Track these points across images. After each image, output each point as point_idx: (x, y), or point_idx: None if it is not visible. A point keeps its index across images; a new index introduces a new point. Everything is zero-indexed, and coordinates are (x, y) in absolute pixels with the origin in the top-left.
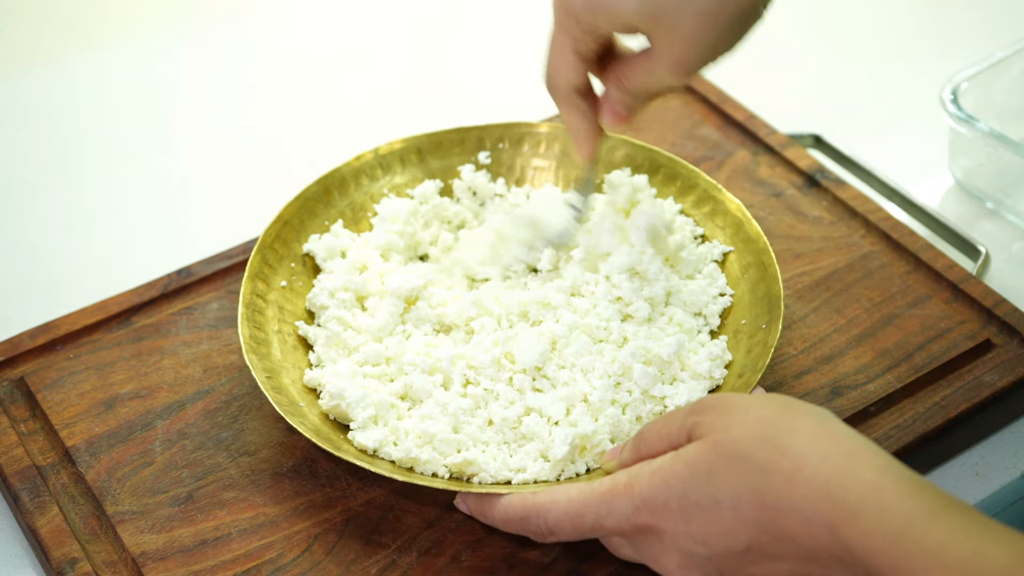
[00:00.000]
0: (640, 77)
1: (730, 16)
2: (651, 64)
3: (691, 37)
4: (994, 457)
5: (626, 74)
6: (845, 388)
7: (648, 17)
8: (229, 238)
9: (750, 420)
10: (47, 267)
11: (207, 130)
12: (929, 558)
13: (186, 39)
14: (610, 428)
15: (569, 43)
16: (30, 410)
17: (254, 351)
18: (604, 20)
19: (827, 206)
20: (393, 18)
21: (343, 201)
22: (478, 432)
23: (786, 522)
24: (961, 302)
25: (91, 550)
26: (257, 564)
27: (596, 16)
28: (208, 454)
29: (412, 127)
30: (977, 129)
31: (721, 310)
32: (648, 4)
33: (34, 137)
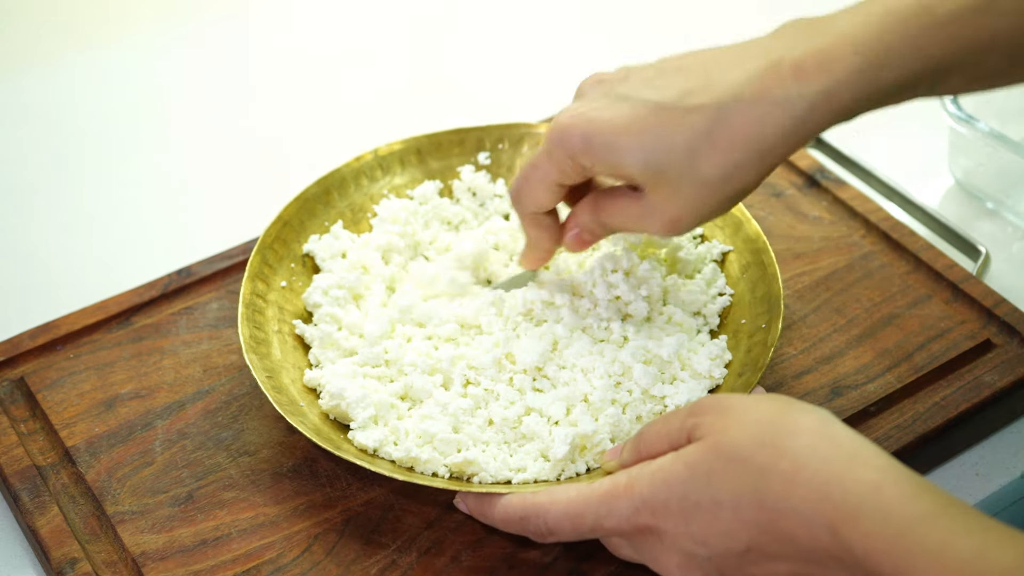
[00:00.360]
0: (623, 219)
1: (734, 190)
2: (641, 212)
3: (691, 203)
4: (994, 457)
5: (607, 209)
6: (845, 388)
7: (651, 176)
8: (229, 238)
9: (750, 421)
10: (47, 267)
11: (207, 130)
12: (930, 559)
13: (186, 39)
14: (610, 428)
15: (555, 175)
16: (30, 410)
17: (254, 351)
18: (602, 167)
19: (827, 206)
20: (393, 18)
21: (343, 202)
22: (478, 432)
23: (786, 523)
24: (961, 302)
25: (91, 550)
26: (257, 564)
27: (594, 162)
28: (208, 454)
29: (412, 128)
30: (977, 129)
31: (720, 310)
32: (653, 163)
33: (34, 137)
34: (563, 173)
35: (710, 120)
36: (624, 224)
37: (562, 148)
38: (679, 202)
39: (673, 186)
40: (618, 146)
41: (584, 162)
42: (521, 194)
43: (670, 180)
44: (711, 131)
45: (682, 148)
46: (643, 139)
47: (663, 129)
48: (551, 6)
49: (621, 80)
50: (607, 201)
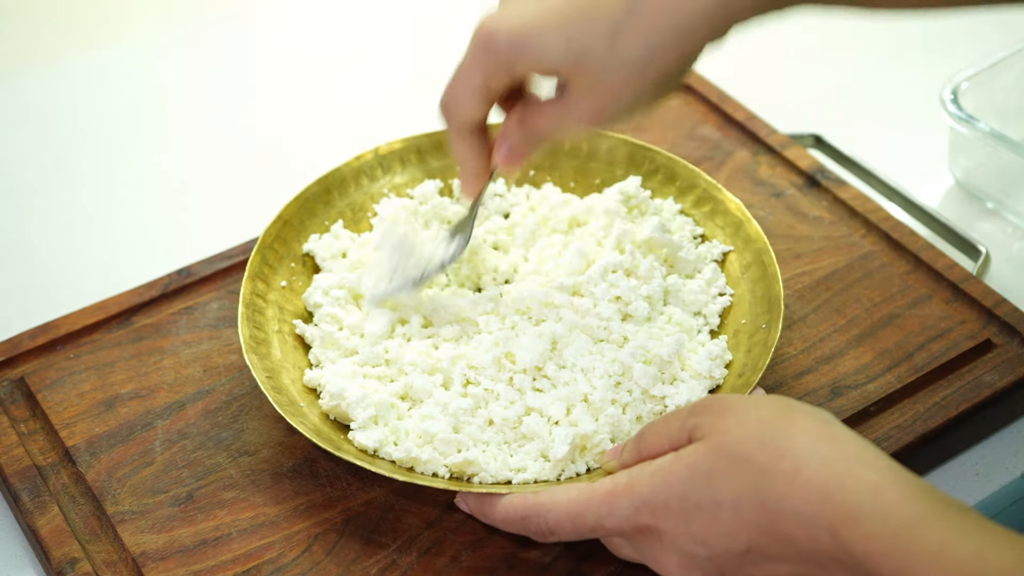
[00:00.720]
0: (547, 122)
1: (656, 73)
2: (564, 110)
3: (613, 89)
4: (994, 457)
5: (531, 117)
6: (845, 388)
7: (573, 64)
8: (229, 238)
9: (750, 421)
10: (47, 267)
11: (207, 130)
12: (930, 560)
13: (186, 39)
14: (610, 428)
15: (480, 77)
16: (30, 410)
17: (254, 351)
18: (525, 61)
19: (827, 206)
20: (393, 18)
21: (343, 201)
22: (478, 432)
23: (786, 524)
24: (961, 302)
25: (91, 550)
26: (257, 564)
27: (518, 56)
28: (208, 454)
29: (412, 127)
30: (977, 129)
31: (721, 310)
32: (574, 51)
33: (34, 137)
34: (489, 76)
35: (627, 4)
36: (550, 127)
37: (486, 50)
38: (603, 90)
39: (595, 73)
40: (540, 39)
41: (508, 58)
42: (448, 104)
43: (594, 66)
44: (630, 12)
45: (602, 32)
46: (563, 29)
47: (583, 18)
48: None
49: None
50: (531, 110)
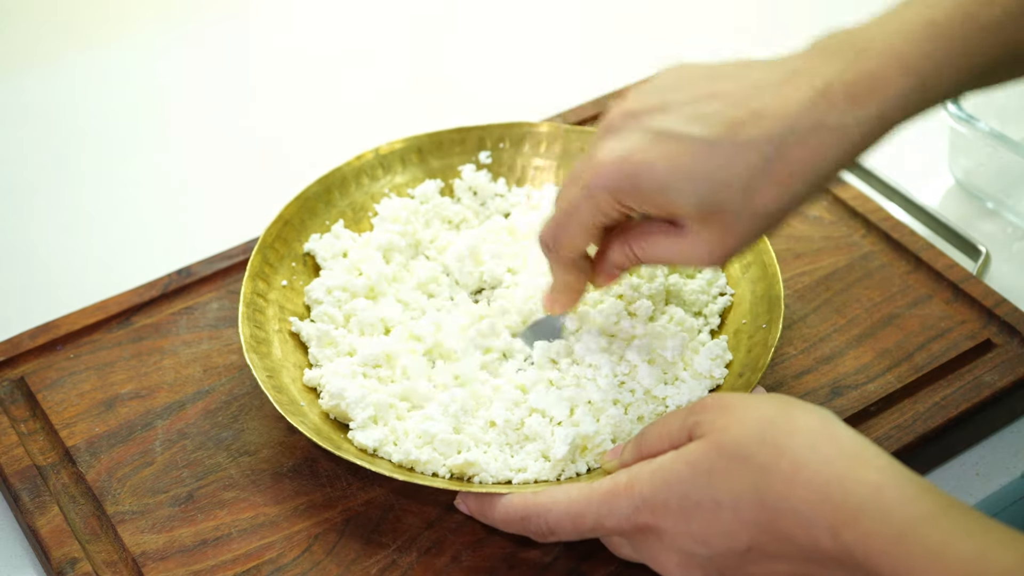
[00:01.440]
0: (663, 254)
1: (785, 217)
2: (683, 247)
3: (745, 233)
4: (994, 457)
5: (642, 244)
6: (845, 388)
7: (705, 215)
8: (229, 238)
9: (751, 420)
10: (47, 267)
11: (207, 130)
12: (931, 560)
13: (186, 39)
14: (612, 428)
15: (598, 218)
16: (30, 410)
17: (255, 350)
18: (650, 207)
19: (827, 206)
20: (393, 18)
21: (344, 201)
22: (479, 433)
23: (785, 523)
24: (961, 302)
25: (91, 550)
26: (257, 564)
27: (643, 203)
28: (208, 454)
29: (412, 127)
30: (977, 129)
31: (721, 310)
32: (708, 205)
33: (34, 137)
34: (606, 215)
35: (766, 155)
36: (664, 258)
37: (607, 191)
38: (731, 237)
39: (728, 222)
40: (670, 187)
41: (631, 203)
42: (558, 240)
43: (724, 217)
44: (768, 166)
45: (738, 186)
46: (696, 179)
47: (717, 168)
48: (551, 6)
49: (656, 112)
50: (641, 236)
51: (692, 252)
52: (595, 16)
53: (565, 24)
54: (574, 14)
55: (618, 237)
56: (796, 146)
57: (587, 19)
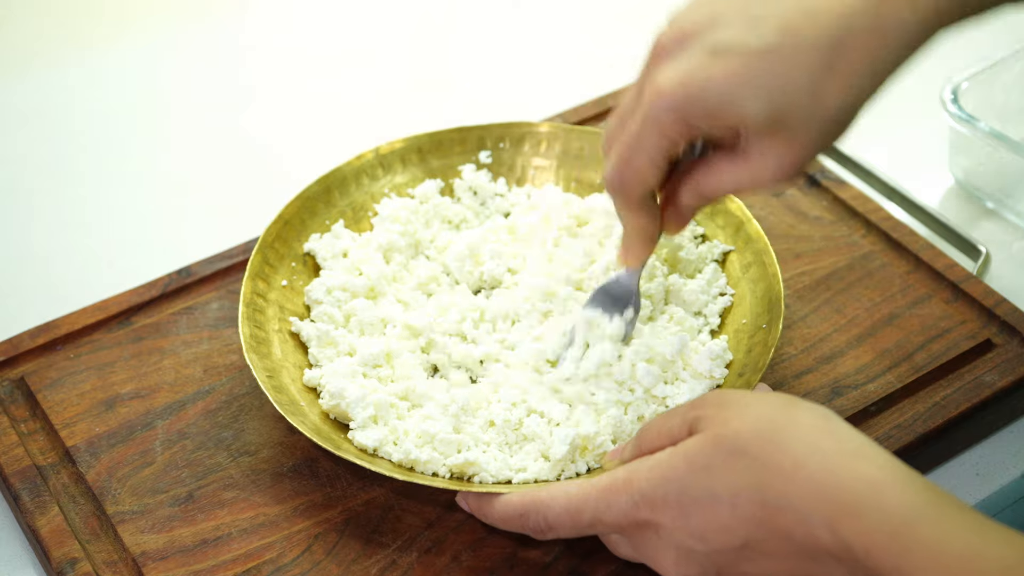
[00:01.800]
0: (730, 181)
1: (849, 120)
2: (752, 168)
3: (814, 140)
4: (994, 457)
5: (708, 178)
6: (845, 388)
7: (773, 124)
8: (229, 238)
9: (750, 416)
10: (47, 267)
11: (207, 130)
12: (929, 555)
13: (186, 39)
14: (612, 428)
15: (666, 146)
16: (30, 410)
17: (255, 350)
18: (723, 122)
19: (827, 206)
20: (393, 18)
21: (344, 200)
22: (479, 432)
23: (784, 519)
24: (961, 302)
25: (91, 550)
26: (257, 564)
27: (715, 118)
28: (208, 454)
29: (412, 127)
30: (977, 129)
31: (721, 309)
32: (776, 111)
33: (34, 137)
34: (673, 142)
35: (826, 55)
36: (731, 185)
37: (671, 113)
38: (801, 145)
39: (794, 128)
40: (738, 100)
41: (700, 124)
42: (625, 178)
43: (792, 124)
44: (830, 65)
45: (804, 87)
46: (762, 87)
47: (780, 73)
48: (551, 6)
49: (707, 28)
50: (708, 171)
51: (760, 171)
52: (595, 16)
53: (565, 24)
54: (574, 14)
55: (681, 179)
56: (855, 42)
57: (587, 19)
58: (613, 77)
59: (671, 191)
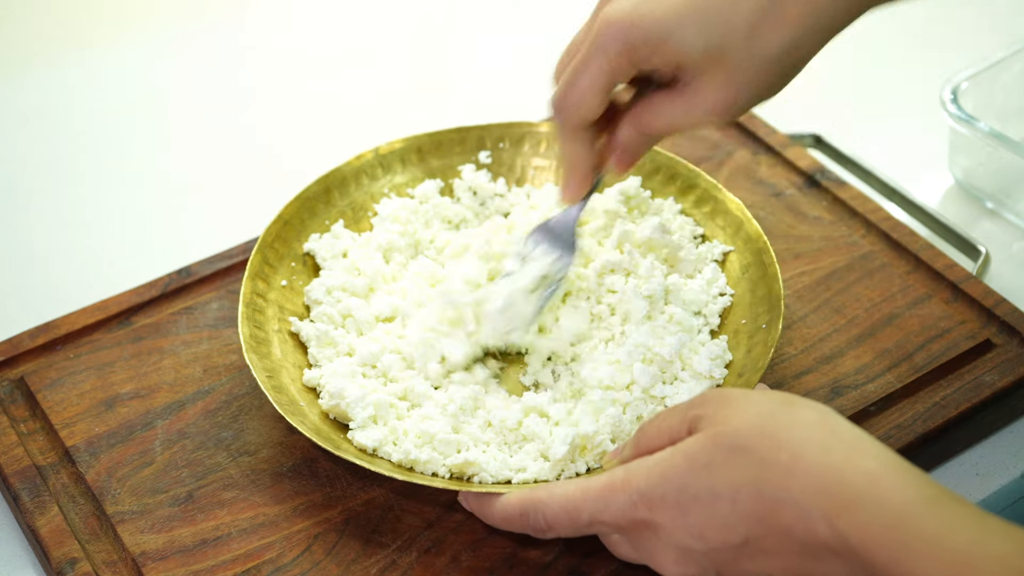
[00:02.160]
0: (670, 116)
1: (790, 66)
2: (689, 103)
3: (750, 81)
4: (994, 457)
5: (649, 115)
6: (845, 388)
7: (712, 57)
8: (229, 238)
9: (750, 413)
10: (47, 267)
11: (207, 130)
12: (927, 547)
13: (186, 39)
14: (611, 428)
15: (608, 71)
16: (30, 410)
17: (254, 350)
18: (662, 53)
19: (827, 206)
20: (393, 18)
21: (343, 200)
22: (478, 432)
23: (784, 515)
24: (961, 302)
25: (91, 550)
26: (257, 564)
27: (655, 49)
28: (208, 454)
29: (412, 127)
30: (977, 129)
31: (721, 310)
32: (714, 44)
33: (34, 137)
34: (614, 71)
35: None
36: (672, 122)
37: (617, 42)
38: (736, 84)
39: (731, 67)
40: (677, 31)
41: (643, 52)
42: (567, 101)
43: (729, 61)
44: (771, 7)
45: (742, 26)
46: (701, 22)
47: (723, 10)
48: (551, 6)
49: None
50: (647, 107)
51: (695, 107)
52: None
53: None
54: (574, 14)
55: (623, 117)
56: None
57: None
58: None
59: (614, 129)
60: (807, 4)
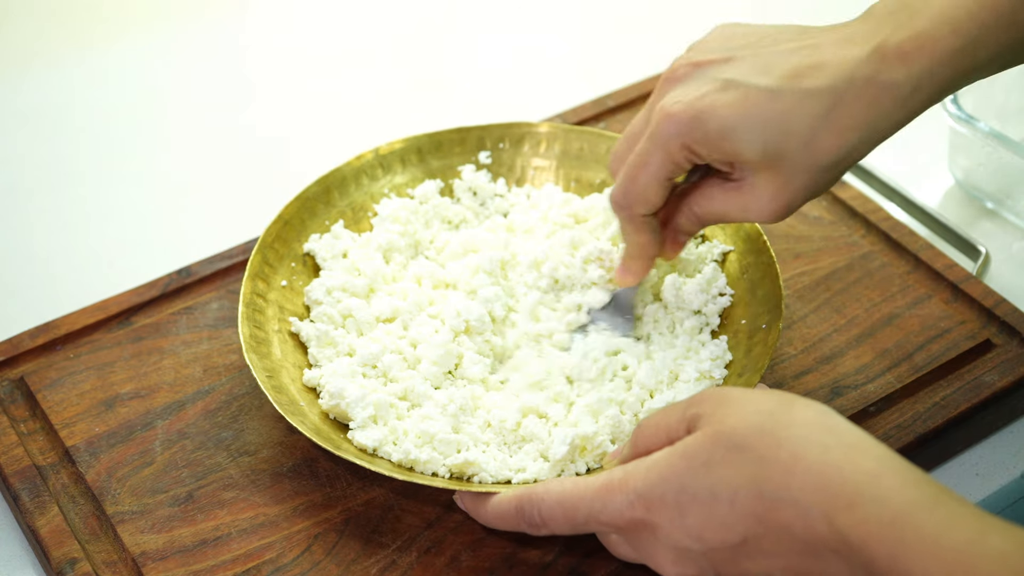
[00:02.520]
0: (724, 210)
1: (840, 171)
2: (745, 201)
3: (806, 186)
4: (994, 457)
5: (703, 203)
6: (845, 388)
7: (767, 162)
8: (229, 238)
9: (748, 411)
10: (47, 267)
11: (207, 130)
12: (926, 545)
13: (186, 39)
14: (610, 428)
15: (670, 168)
16: (30, 410)
17: (254, 350)
18: (719, 152)
19: (827, 206)
20: (393, 18)
21: (343, 201)
22: (478, 432)
23: (783, 513)
24: (961, 302)
25: (91, 550)
26: (257, 564)
27: (711, 149)
28: (208, 454)
29: (412, 127)
30: (977, 129)
31: (721, 310)
32: (771, 151)
33: (34, 137)
34: (676, 165)
35: (827, 104)
36: (724, 213)
37: (678, 137)
38: (792, 189)
39: (788, 171)
40: (736, 132)
41: (700, 150)
42: (629, 196)
43: (785, 165)
44: (828, 115)
45: (800, 133)
46: (761, 125)
47: (781, 114)
48: (551, 6)
49: (721, 62)
50: (700, 196)
51: (750, 204)
52: (594, 16)
53: (565, 24)
54: (574, 14)
55: (678, 202)
56: (854, 97)
57: (586, 19)
58: (613, 77)
59: (668, 215)
60: (866, 111)
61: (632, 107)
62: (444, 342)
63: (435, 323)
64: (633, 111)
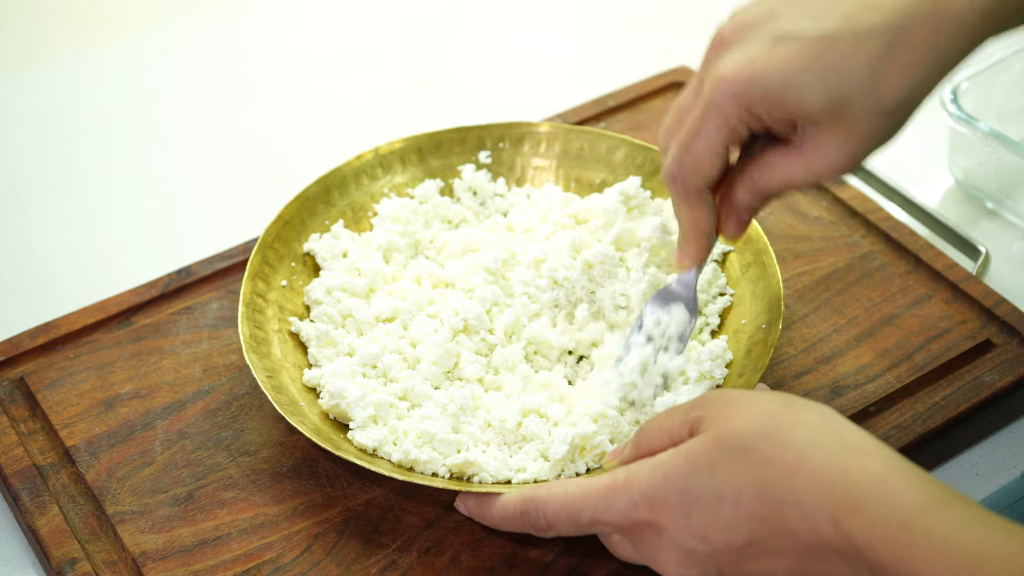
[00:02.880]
0: (788, 175)
1: (908, 112)
2: (809, 160)
3: (872, 132)
4: (994, 457)
5: (765, 173)
6: (845, 388)
7: (832, 110)
8: (229, 238)
9: (752, 414)
10: (47, 267)
11: (207, 130)
12: (933, 548)
13: (186, 39)
14: (610, 429)
15: (727, 134)
16: (30, 410)
17: (254, 350)
18: (781, 110)
19: (827, 206)
20: (393, 18)
21: (343, 200)
22: (478, 432)
23: (788, 515)
24: (961, 302)
25: (91, 550)
26: (257, 564)
27: (775, 106)
28: (208, 454)
29: (412, 127)
30: (977, 129)
31: (721, 310)
32: (836, 98)
33: (34, 137)
34: (734, 131)
35: (887, 41)
36: (790, 181)
37: (735, 100)
38: (858, 136)
39: (852, 120)
40: (797, 86)
41: (760, 111)
42: (684, 166)
43: (850, 113)
44: (889, 52)
45: (864, 74)
46: (821, 73)
47: (840, 59)
48: (551, 6)
49: (768, 19)
50: (762, 167)
51: (817, 163)
52: (594, 16)
53: (565, 24)
54: (574, 14)
55: (737, 177)
56: (915, 30)
57: (586, 19)
58: (613, 77)
59: (727, 191)
60: (926, 44)
61: (632, 107)
62: (443, 342)
63: (434, 323)
64: (633, 111)
